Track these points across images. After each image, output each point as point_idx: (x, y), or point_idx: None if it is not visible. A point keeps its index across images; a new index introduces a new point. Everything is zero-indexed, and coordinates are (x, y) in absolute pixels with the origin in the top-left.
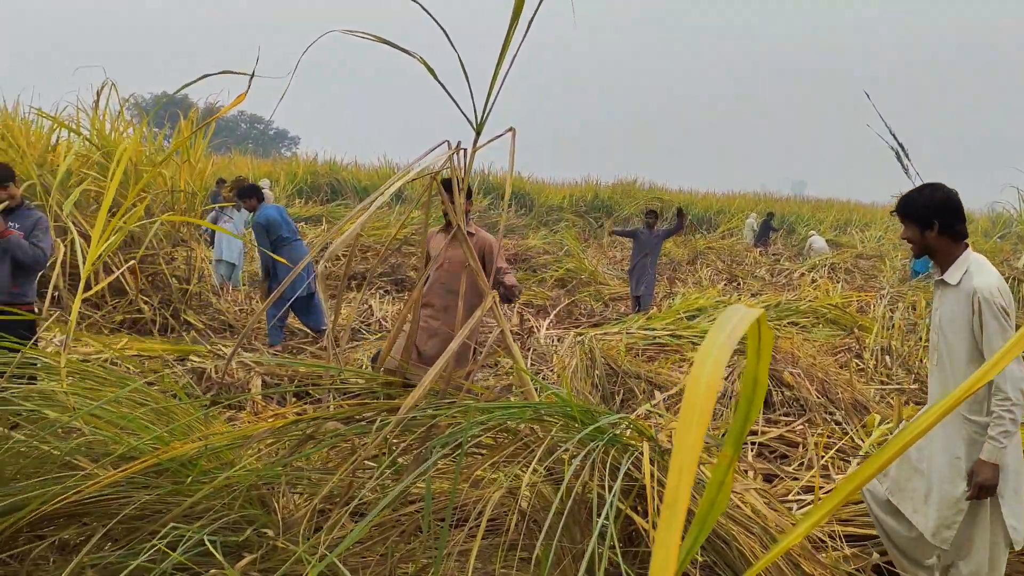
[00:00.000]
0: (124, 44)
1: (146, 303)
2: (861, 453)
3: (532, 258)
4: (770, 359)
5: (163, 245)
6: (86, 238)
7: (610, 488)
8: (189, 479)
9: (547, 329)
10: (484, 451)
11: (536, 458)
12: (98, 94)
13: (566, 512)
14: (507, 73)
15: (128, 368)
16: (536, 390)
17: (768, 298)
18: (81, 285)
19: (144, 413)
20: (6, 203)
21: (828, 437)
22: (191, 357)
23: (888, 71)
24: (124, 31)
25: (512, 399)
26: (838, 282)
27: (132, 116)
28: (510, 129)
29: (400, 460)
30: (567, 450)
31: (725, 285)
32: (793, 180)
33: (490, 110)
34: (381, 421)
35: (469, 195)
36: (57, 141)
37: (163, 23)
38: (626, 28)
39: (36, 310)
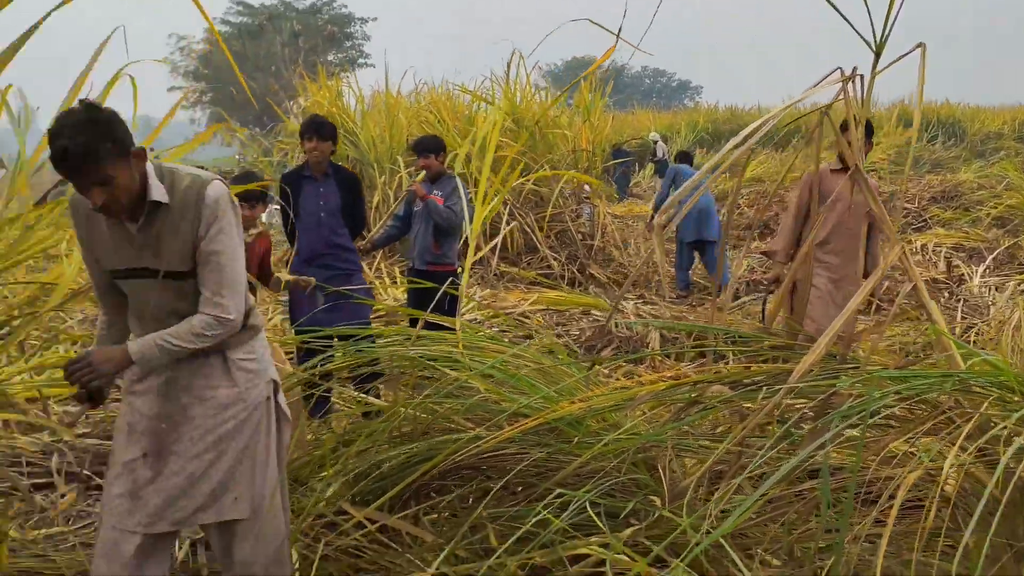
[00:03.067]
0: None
1: (555, 259)
2: None
3: (963, 195)
4: None
5: (568, 203)
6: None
7: None
8: (576, 440)
9: (981, 277)
10: (895, 423)
11: (963, 435)
12: (508, 66)
13: (1004, 501)
14: None
15: (539, 321)
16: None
17: None
18: (472, 243)
19: (531, 373)
20: (422, 173)
21: None
22: (593, 311)
23: None
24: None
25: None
26: None
27: (538, 84)
28: (919, 46)
29: (794, 430)
30: (1005, 428)
31: None
32: None
33: (892, 26)
34: (768, 390)
35: (869, 132)
36: (476, 112)
37: None
38: None
39: (458, 272)
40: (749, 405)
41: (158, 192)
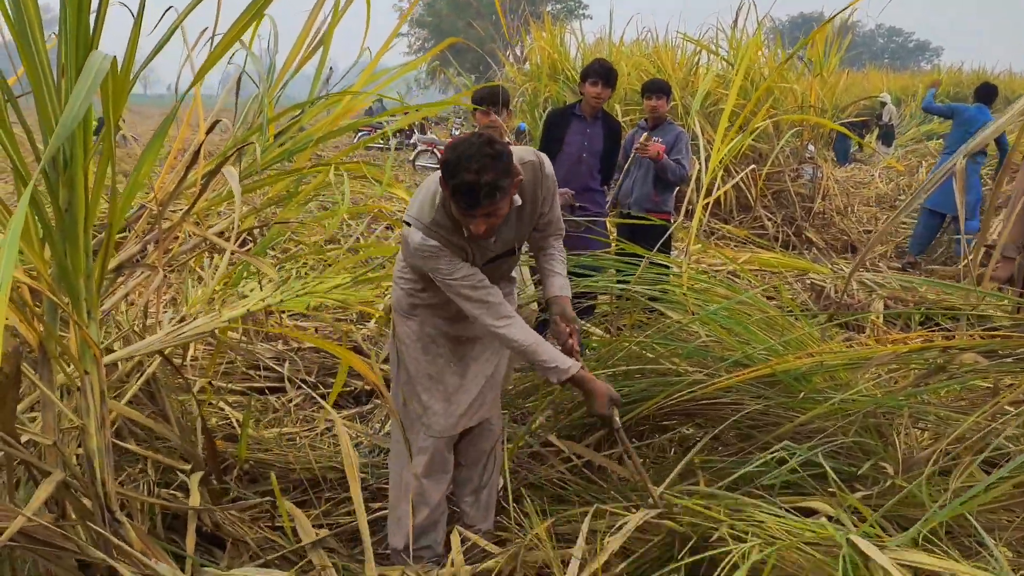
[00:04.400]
0: None
1: (769, 219)
2: None
3: None
4: None
5: (789, 162)
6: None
7: None
8: (801, 395)
9: None
10: None
11: None
12: (736, 16)
13: None
14: None
15: (749, 281)
16: None
17: None
18: (703, 188)
19: (758, 323)
20: (644, 135)
21: None
22: (810, 275)
23: None
24: None
25: None
26: None
27: (767, 37)
28: None
29: None
30: None
31: None
32: None
33: None
34: None
35: None
36: (698, 64)
37: None
38: None
39: (672, 220)
40: (1008, 380)
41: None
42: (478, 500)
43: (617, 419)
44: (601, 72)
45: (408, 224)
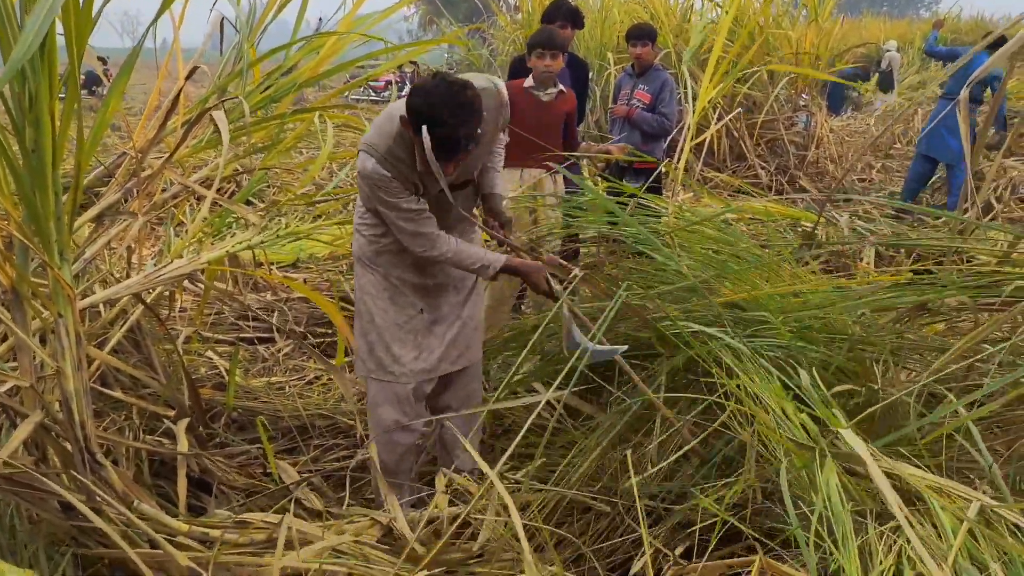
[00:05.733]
0: None
1: (763, 168)
2: None
3: None
4: None
5: (783, 110)
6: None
7: None
8: (780, 318)
9: None
10: None
11: None
12: None
13: None
14: None
15: (742, 228)
16: None
17: None
18: (692, 129)
19: (745, 266)
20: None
21: None
22: (802, 224)
23: None
24: None
25: None
26: None
27: None
28: None
29: None
30: None
31: None
32: None
33: None
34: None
35: None
36: (692, 10)
37: None
38: None
39: (663, 170)
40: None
41: None
42: (462, 444)
43: (560, 289)
44: (568, 14)
45: (362, 151)
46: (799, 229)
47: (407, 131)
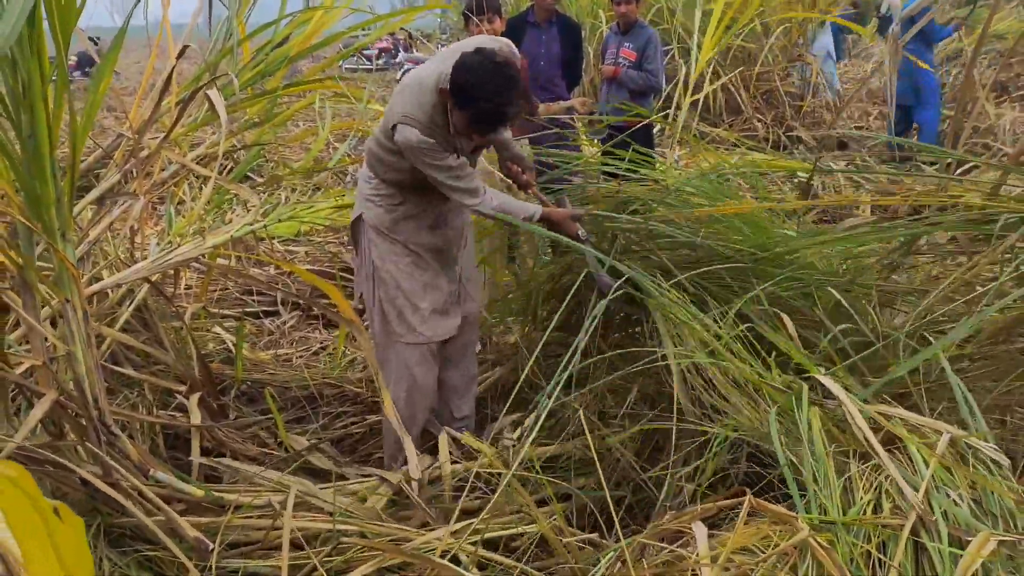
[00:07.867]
0: None
1: (759, 121)
2: None
3: None
4: None
5: (779, 61)
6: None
7: None
8: (768, 253)
9: None
10: None
11: None
12: None
13: None
14: None
15: (739, 183)
16: None
17: None
18: (690, 87)
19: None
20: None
21: None
22: (799, 175)
23: None
24: None
25: None
26: None
27: None
28: None
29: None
30: None
31: None
32: None
33: None
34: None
35: None
36: None
37: None
38: None
39: (652, 124)
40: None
41: None
42: (464, 392)
43: (585, 233)
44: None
45: (402, 124)
46: (796, 180)
47: (448, 100)
